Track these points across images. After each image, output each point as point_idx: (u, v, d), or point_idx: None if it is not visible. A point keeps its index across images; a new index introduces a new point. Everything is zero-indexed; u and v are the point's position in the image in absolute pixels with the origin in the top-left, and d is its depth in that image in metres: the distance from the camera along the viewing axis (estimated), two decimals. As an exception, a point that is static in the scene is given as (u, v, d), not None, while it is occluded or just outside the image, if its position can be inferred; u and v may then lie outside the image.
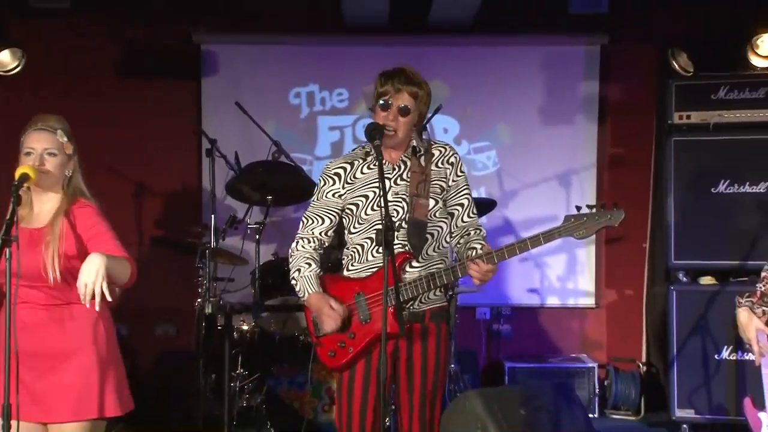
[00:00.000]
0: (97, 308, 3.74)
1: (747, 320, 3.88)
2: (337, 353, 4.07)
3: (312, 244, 4.14)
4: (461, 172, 4.23)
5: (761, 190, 6.51)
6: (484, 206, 7.00)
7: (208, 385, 6.46)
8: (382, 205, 3.81)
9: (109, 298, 3.68)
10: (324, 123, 8.02)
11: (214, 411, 6.28)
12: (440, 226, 4.15)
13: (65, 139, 3.96)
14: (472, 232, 4.20)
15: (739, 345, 6.67)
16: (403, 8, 7.39)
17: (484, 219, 7.06)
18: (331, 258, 4.95)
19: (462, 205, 4.22)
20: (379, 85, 4.06)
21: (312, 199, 4.21)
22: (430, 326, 4.07)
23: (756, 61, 7.09)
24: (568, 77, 7.99)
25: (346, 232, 4.19)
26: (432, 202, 4.10)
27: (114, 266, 3.78)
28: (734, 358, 6.76)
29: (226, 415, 6.06)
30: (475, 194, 7.66)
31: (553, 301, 8.03)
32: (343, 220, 4.17)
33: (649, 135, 7.79)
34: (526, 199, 7.92)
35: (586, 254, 7.97)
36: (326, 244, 4.19)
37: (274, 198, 6.45)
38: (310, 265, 4.11)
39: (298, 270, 4.11)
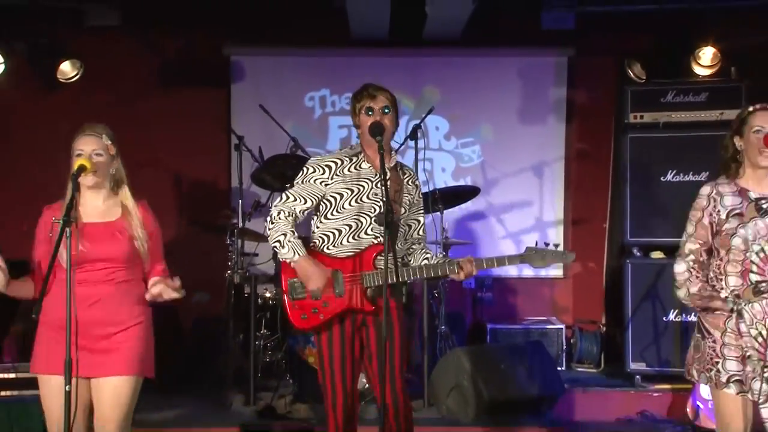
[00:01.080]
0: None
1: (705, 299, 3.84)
2: (309, 317, 4.11)
3: (291, 218, 4.09)
4: (421, 195, 4.38)
5: (702, 179, 6.50)
6: (469, 193, 7.03)
7: (236, 344, 6.48)
8: (383, 193, 3.86)
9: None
10: (334, 122, 8.01)
11: (242, 365, 6.29)
12: (406, 227, 4.26)
13: (109, 142, 3.97)
14: (418, 247, 4.33)
15: (684, 308, 6.73)
16: (400, 24, 7.32)
17: (469, 204, 7.11)
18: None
19: (418, 221, 4.35)
20: (361, 99, 4.12)
21: (297, 180, 4.18)
22: (390, 301, 3.94)
23: (698, 70, 7.18)
24: (541, 84, 7.97)
25: (318, 217, 4.19)
26: (402, 210, 4.20)
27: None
28: (679, 319, 6.87)
29: (252, 368, 6.10)
30: (461, 183, 7.80)
31: (527, 272, 7.97)
32: (320, 206, 4.14)
33: (609, 132, 7.78)
34: (505, 187, 7.94)
35: (556, 233, 7.93)
36: (298, 221, 4.13)
37: (292, 186, 6.43)
38: (293, 233, 4.08)
39: (284, 234, 4.04)
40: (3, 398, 5.41)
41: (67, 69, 7.30)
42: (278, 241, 4.07)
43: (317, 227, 4.20)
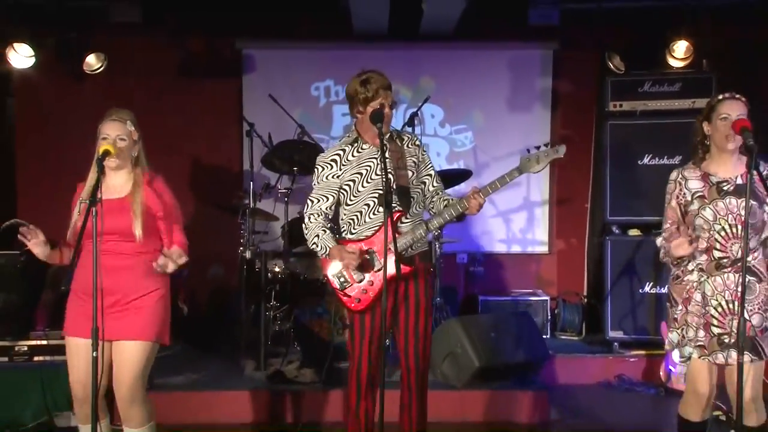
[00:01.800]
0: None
1: (677, 244, 3.80)
2: (361, 299, 4.09)
3: (320, 217, 4.13)
4: (424, 151, 4.30)
5: (676, 162, 6.49)
6: (462, 176, 7.01)
7: (248, 315, 6.46)
8: (384, 174, 3.83)
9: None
10: (338, 110, 7.95)
11: (252, 334, 6.27)
12: (418, 191, 4.18)
13: (132, 128, 4.01)
14: (441, 194, 4.25)
15: (658, 281, 6.81)
16: (399, 20, 7.33)
17: (462, 185, 7.04)
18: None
19: (431, 175, 4.27)
20: (373, 91, 4.07)
21: (313, 183, 4.20)
22: (419, 266, 4.08)
23: (673, 62, 7.21)
24: (528, 75, 7.94)
25: (342, 206, 4.18)
26: (410, 173, 4.14)
27: (181, 258, 4.01)
28: (654, 291, 6.88)
29: (262, 337, 6.08)
30: (455, 166, 7.78)
31: (516, 248, 8.02)
32: (340, 196, 4.14)
33: (590, 120, 7.79)
34: (495, 170, 7.80)
35: (542, 212, 7.98)
36: (330, 216, 4.16)
37: (299, 169, 6.43)
38: (325, 231, 4.10)
39: (317, 236, 4.09)
40: (36, 363, 5.46)
41: (93, 61, 7.32)
42: (314, 243, 4.12)
43: (343, 215, 4.21)
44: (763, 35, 7.27)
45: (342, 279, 4.10)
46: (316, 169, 4.21)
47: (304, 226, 4.17)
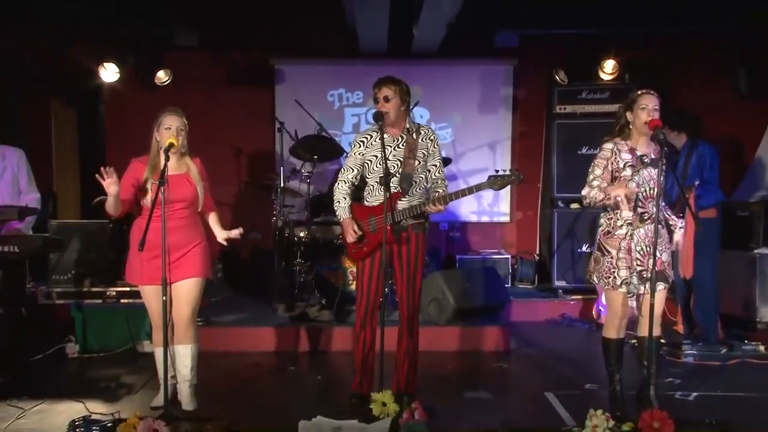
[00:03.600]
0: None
1: (614, 187, 3.83)
2: (357, 251, 4.11)
3: (347, 184, 4.11)
4: (436, 146, 4.17)
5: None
6: (443, 162, 6.99)
7: (280, 269, 6.46)
8: (383, 161, 3.87)
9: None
10: (348, 112, 7.90)
11: (283, 284, 6.30)
12: (421, 177, 4.10)
13: (185, 122, 4.00)
14: (440, 182, 4.17)
15: (592, 243, 6.75)
16: (395, 42, 7.29)
17: (444, 170, 7.04)
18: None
19: (435, 165, 4.16)
20: (373, 89, 4.08)
21: (348, 155, 4.15)
22: (411, 234, 4.06)
23: (603, 76, 7.25)
24: (494, 85, 7.87)
25: (365, 178, 4.14)
26: (416, 163, 4.06)
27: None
28: (589, 251, 6.86)
29: (290, 285, 6.14)
30: (437, 155, 7.74)
31: (485, 218, 8.00)
32: (364, 169, 4.11)
33: (542, 119, 7.74)
34: (469, 158, 7.87)
35: (505, 191, 7.85)
36: (356, 184, 4.13)
37: (318, 157, 6.43)
38: (345, 198, 4.10)
39: (338, 202, 4.11)
40: (121, 304, 5.45)
41: (162, 76, 7.36)
42: (335, 205, 4.13)
43: (365, 184, 4.17)
44: (666, 55, 7.27)
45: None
46: (350, 145, 4.20)
47: (335, 186, 4.16)
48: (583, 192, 3.99)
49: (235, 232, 4.17)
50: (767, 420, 4.01)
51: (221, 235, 4.18)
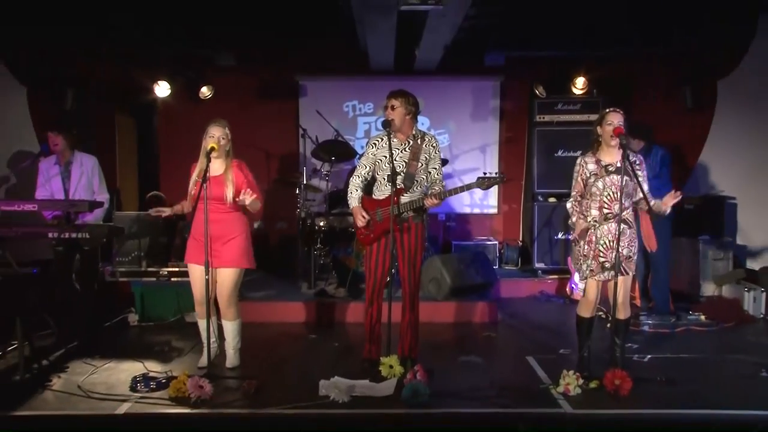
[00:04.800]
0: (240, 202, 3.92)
1: (578, 225, 3.94)
2: (365, 237, 4.11)
3: (360, 179, 4.09)
4: (437, 152, 4.11)
5: (577, 154, 6.39)
6: (442, 163, 6.96)
7: (303, 253, 6.43)
8: (390, 162, 3.86)
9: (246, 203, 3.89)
10: (361, 120, 7.83)
11: (306, 265, 6.26)
12: (422, 177, 4.07)
13: (227, 130, 4.00)
14: (438, 182, 4.11)
15: (566, 231, 6.80)
16: (400, 61, 7.22)
17: (442, 169, 7.02)
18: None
19: (435, 168, 4.11)
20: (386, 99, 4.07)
21: (363, 154, 4.12)
22: (412, 224, 4.03)
23: (575, 90, 7.19)
24: (484, 97, 7.79)
25: (375, 174, 4.11)
26: (419, 165, 4.03)
27: (255, 203, 3.90)
28: (563, 238, 6.89)
29: (312, 267, 6.11)
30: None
31: (476, 210, 7.95)
32: (375, 167, 4.08)
33: (524, 127, 7.64)
34: (463, 159, 7.82)
35: (494, 187, 7.78)
36: (368, 179, 4.11)
37: (335, 159, 6.42)
38: (357, 190, 4.10)
39: (351, 192, 4.11)
40: (172, 282, 5.47)
41: (205, 91, 7.36)
42: (348, 195, 4.13)
43: (375, 180, 4.13)
44: (628, 74, 7.25)
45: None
46: (365, 147, 4.17)
47: (350, 180, 4.14)
48: (567, 206, 4.07)
49: (244, 198, 3.90)
50: (707, 376, 4.12)
51: (240, 197, 3.99)
